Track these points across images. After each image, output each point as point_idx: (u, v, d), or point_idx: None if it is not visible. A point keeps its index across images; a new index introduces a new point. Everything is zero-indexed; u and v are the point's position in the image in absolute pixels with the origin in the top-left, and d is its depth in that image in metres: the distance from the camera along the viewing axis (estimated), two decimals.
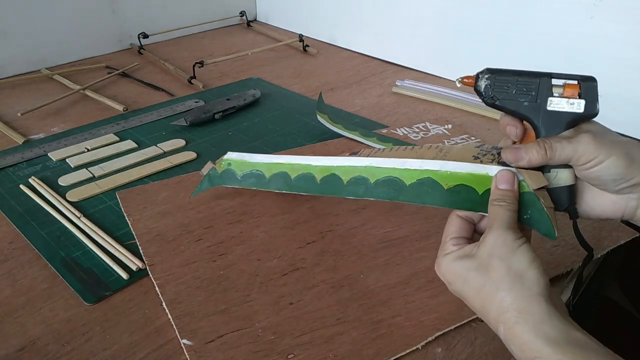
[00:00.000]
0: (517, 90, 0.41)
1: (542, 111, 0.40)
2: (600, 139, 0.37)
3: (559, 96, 0.40)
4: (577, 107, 0.39)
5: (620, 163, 0.37)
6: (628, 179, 0.37)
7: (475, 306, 0.36)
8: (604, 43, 0.75)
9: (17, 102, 0.84)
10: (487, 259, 0.35)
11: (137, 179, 0.64)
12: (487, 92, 0.42)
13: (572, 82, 0.39)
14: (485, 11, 0.87)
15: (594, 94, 0.39)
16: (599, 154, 0.37)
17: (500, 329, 0.34)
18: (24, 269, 0.50)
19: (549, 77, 0.40)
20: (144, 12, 1.10)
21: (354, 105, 0.86)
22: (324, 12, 1.15)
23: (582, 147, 0.37)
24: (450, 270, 0.38)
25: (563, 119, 0.40)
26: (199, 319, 0.43)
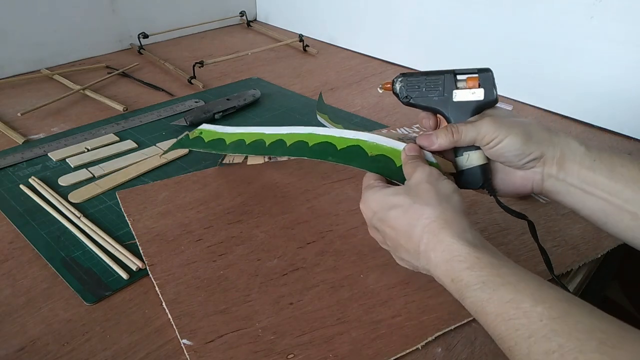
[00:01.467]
0: (426, 88, 0.47)
1: (450, 103, 0.46)
2: (500, 120, 0.43)
3: (462, 88, 0.45)
4: (477, 96, 0.45)
5: (518, 140, 0.42)
6: (527, 154, 0.42)
7: (400, 227, 0.39)
8: (604, 43, 0.75)
9: (17, 102, 0.84)
10: (415, 185, 0.40)
11: (135, 177, 0.64)
12: (402, 92, 0.48)
13: (472, 75, 0.45)
14: (485, 11, 0.87)
15: (490, 83, 0.45)
16: (498, 134, 0.42)
17: (424, 239, 0.37)
18: (24, 269, 0.50)
19: (453, 74, 0.46)
20: (144, 12, 1.10)
21: (354, 105, 0.86)
22: (324, 12, 1.15)
23: (484, 129, 0.42)
24: (376, 198, 0.42)
25: (468, 107, 0.45)
26: (199, 319, 0.43)
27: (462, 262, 0.35)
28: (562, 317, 0.29)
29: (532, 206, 0.59)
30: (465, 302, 0.35)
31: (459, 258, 0.35)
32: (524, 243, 0.53)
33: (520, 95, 0.87)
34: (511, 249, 0.52)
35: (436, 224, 0.37)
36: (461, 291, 0.34)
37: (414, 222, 0.38)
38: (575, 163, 0.41)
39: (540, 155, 0.42)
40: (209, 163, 0.67)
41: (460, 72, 0.46)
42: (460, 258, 0.35)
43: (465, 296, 0.34)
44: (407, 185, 0.41)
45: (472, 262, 0.34)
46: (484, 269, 0.34)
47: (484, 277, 0.33)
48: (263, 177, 0.63)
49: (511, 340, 0.31)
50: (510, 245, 0.53)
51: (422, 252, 0.38)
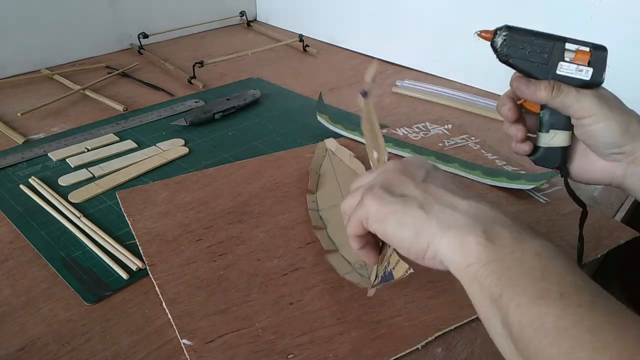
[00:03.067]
0: (531, 51, 0.42)
1: (552, 74, 0.42)
2: (605, 100, 0.40)
3: (569, 61, 0.41)
4: (584, 75, 0.41)
5: (616, 128, 0.39)
6: (619, 146, 0.40)
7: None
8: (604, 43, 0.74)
9: (17, 102, 0.84)
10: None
11: (135, 177, 0.64)
12: (502, 49, 0.43)
13: (584, 49, 0.41)
14: (485, 11, 0.87)
15: (602, 63, 0.41)
16: (599, 113, 0.40)
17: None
18: (24, 269, 0.50)
19: (563, 42, 0.41)
20: (144, 12, 1.10)
21: (354, 105, 0.85)
22: (324, 12, 1.15)
23: (587, 101, 0.40)
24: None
25: (570, 83, 0.41)
26: (199, 319, 0.43)
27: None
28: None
29: (532, 206, 0.59)
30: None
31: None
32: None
33: None
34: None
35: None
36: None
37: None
38: None
39: (631, 151, 0.40)
40: (209, 163, 0.67)
41: (573, 41, 0.41)
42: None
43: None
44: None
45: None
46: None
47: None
48: (263, 177, 0.63)
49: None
50: None
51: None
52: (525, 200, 0.60)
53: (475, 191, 0.58)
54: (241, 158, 0.68)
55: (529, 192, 0.61)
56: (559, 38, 0.42)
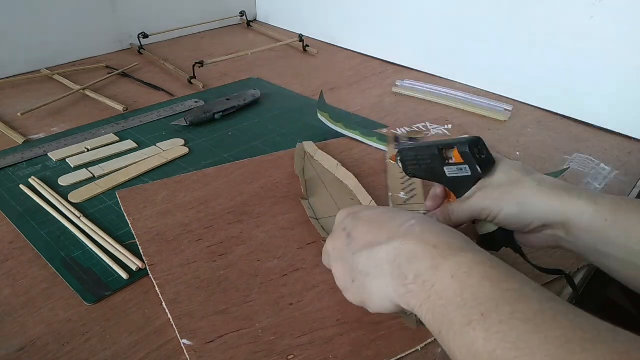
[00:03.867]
0: (422, 165, 0.46)
1: (445, 180, 0.45)
2: (492, 194, 0.41)
3: (450, 165, 0.43)
4: (465, 172, 0.43)
5: (512, 213, 0.40)
6: (526, 224, 0.41)
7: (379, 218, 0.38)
8: (604, 43, 0.75)
9: (17, 102, 0.84)
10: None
11: (135, 177, 0.64)
12: (405, 170, 0.48)
13: (454, 150, 0.42)
14: (485, 11, 0.87)
15: (469, 157, 0.42)
16: (491, 210, 0.41)
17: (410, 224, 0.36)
18: (24, 269, 0.50)
19: (438, 150, 0.43)
20: (144, 12, 1.10)
21: (354, 105, 0.86)
22: (324, 12, 1.15)
23: (476, 206, 0.42)
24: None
25: (464, 181, 0.43)
26: (199, 319, 0.43)
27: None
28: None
29: None
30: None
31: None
32: (524, 245, 0.53)
33: (520, 95, 0.87)
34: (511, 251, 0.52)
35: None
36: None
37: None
38: (582, 228, 0.38)
39: (541, 224, 0.41)
40: (209, 163, 0.67)
41: (445, 145, 0.43)
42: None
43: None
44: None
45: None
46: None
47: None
48: (263, 177, 0.63)
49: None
50: None
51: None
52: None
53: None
54: (241, 158, 0.68)
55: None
56: (434, 146, 0.44)
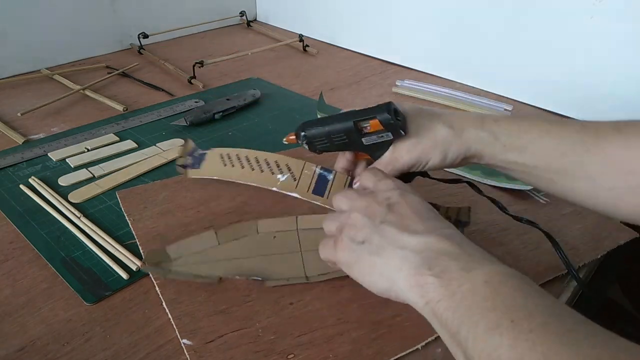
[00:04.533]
0: (336, 141, 0.46)
1: (362, 146, 0.46)
2: (415, 149, 0.44)
3: (368, 133, 0.44)
4: (387, 137, 0.44)
5: (437, 160, 0.44)
6: (451, 165, 0.44)
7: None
8: (604, 43, 0.75)
9: (17, 102, 0.84)
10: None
11: (135, 177, 0.64)
12: (311, 148, 0.48)
13: (374, 120, 0.43)
14: (485, 11, 0.87)
15: (394, 125, 0.43)
16: (418, 162, 0.44)
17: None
18: (24, 269, 0.50)
19: (353, 123, 0.44)
20: (144, 12, 1.10)
21: (354, 105, 0.84)
22: (324, 12, 1.15)
23: (406, 164, 0.44)
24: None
25: (382, 145, 0.45)
26: (199, 319, 0.43)
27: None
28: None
29: (532, 207, 0.59)
30: None
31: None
32: (524, 243, 0.53)
33: (520, 95, 0.87)
34: (511, 248, 0.52)
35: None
36: None
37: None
38: (490, 155, 0.43)
39: (462, 158, 0.44)
40: None
41: (361, 117, 0.44)
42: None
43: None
44: None
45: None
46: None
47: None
48: None
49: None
50: (511, 245, 0.53)
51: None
52: (525, 200, 0.60)
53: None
54: None
55: (529, 193, 0.61)
56: (348, 120, 0.45)
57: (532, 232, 0.54)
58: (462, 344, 0.29)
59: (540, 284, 0.48)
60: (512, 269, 0.32)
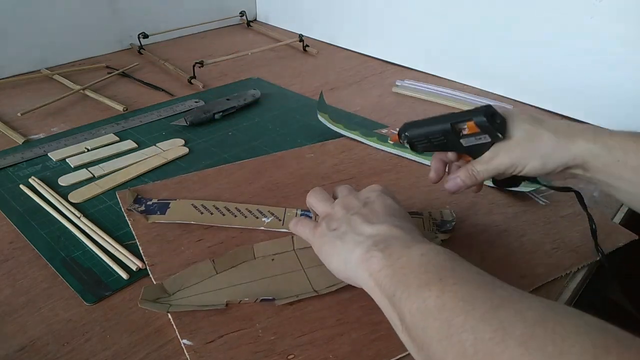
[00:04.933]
0: (435, 142, 0.48)
1: (461, 148, 0.47)
2: (514, 151, 0.44)
3: (467, 136, 0.45)
4: (485, 139, 0.45)
5: (536, 166, 0.44)
6: (550, 172, 0.45)
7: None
8: (604, 43, 0.75)
9: (17, 102, 0.84)
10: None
11: (135, 177, 0.64)
12: (413, 147, 0.49)
13: (470, 122, 0.44)
14: (485, 11, 0.87)
15: (490, 128, 0.44)
16: (516, 166, 0.45)
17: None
18: (24, 269, 0.50)
19: (450, 125, 0.46)
20: (144, 12, 1.10)
21: (354, 105, 0.86)
22: (324, 12, 1.15)
23: (501, 165, 0.45)
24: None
25: (480, 148, 0.46)
26: (199, 319, 0.43)
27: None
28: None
29: (531, 208, 0.59)
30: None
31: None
32: (524, 245, 0.53)
33: (520, 95, 0.87)
34: (510, 250, 0.52)
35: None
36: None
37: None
38: (597, 167, 0.43)
39: (563, 168, 0.44)
40: (209, 163, 0.67)
41: (458, 120, 0.45)
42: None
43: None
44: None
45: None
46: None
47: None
48: (263, 177, 0.63)
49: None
50: (510, 247, 0.53)
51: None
52: (524, 202, 0.60)
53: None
54: (241, 158, 0.68)
55: (529, 194, 0.61)
56: (446, 120, 0.46)
57: (532, 233, 0.54)
58: (397, 305, 0.34)
59: (540, 285, 0.48)
60: (448, 250, 0.36)
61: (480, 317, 0.29)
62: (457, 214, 0.56)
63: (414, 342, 0.32)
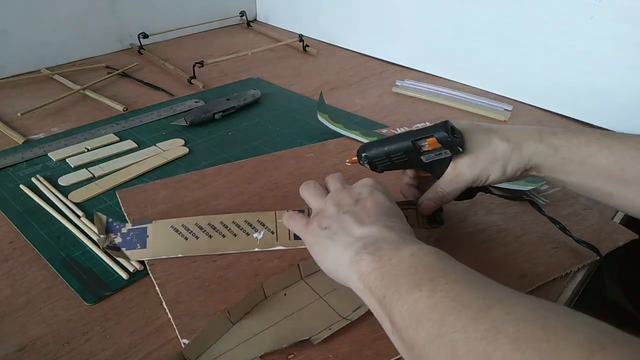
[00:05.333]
0: (396, 161, 0.48)
1: (422, 164, 0.47)
2: (475, 165, 0.45)
3: (427, 152, 0.46)
4: (445, 154, 0.46)
5: (498, 174, 0.45)
6: (510, 178, 0.46)
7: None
8: (604, 43, 0.75)
9: (17, 102, 0.84)
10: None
11: (135, 177, 0.64)
12: (372, 167, 0.49)
13: (431, 139, 0.45)
14: (485, 11, 0.87)
15: (452, 143, 0.45)
16: (479, 177, 0.46)
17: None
18: (24, 269, 0.50)
19: (411, 142, 0.46)
20: (144, 12, 1.10)
21: (354, 105, 0.86)
22: (324, 12, 1.15)
23: (467, 179, 0.46)
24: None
25: (442, 163, 0.47)
26: (199, 319, 0.43)
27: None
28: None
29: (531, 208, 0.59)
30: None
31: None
32: (524, 244, 0.53)
33: (520, 95, 0.87)
34: (510, 250, 0.52)
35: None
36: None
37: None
38: (549, 168, 0.45)
39: (522, 172, 0.46)
40: (209, 163, 0.67)
41: (419, 137, 0.46)
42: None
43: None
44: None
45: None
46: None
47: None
48: (263, 177, 0.63)
49: None
50: (510, 246, 0.53)
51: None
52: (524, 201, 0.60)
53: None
54: (241, 158, 0.68)
55: (529, 193, 0.61)
56: (406, 138, 0.46)
57: (532, 234, 0.54)
58: (387, 307, 0.33)
59: (539, 285, 0.48)
60: (438, 249, 0.36)
61: (473, 316, 0.28)
62: (457, 213, 0.56)
63: (405, 344, 0.32)
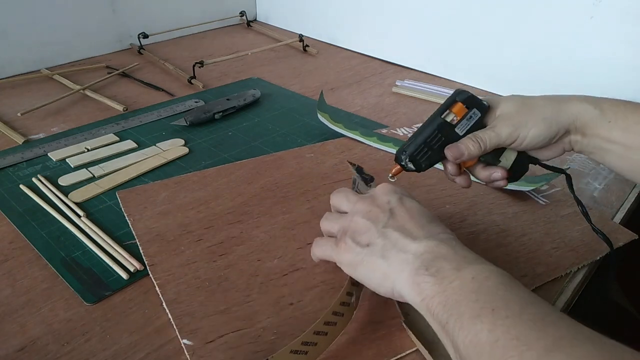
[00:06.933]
0: (435, 146, 0.47)
1: (460, 137, 0.46)
2: (515, 118, 0.45)
3: (458, 122, 0.46)
4: (475, 115, 0.46)
5: (541, 129, 0.44)
6: (553, 137, 0.45)
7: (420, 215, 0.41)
8: (603, 43, 0.75)
9: (17, 102, 0.84)
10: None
11: (135, 177, 0.64)
12: (419, 167, 0.47)
13: (455, 105, 0.46)
14: (485, 11, 0.87)
15: (475, 99, 0.46)
16: (519, 132, 0.44)
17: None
18: (24, 269, 0.50)
19: (440, 117, 0.46)
20: (144, 12, 1.10)
21: (354, 105, 0.86)
22: (324, 12, 1.15)
23: (504, 133, 0.44)
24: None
25: (477, 126, 0.46)
26: (199, 319, 0.43)
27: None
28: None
29: (531, 208, 0.59)
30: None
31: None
32: (524, 245, 0.53)
33: None
34: (510, 250, 0.52)
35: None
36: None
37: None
38: (592, 129, 0.44)
39: (564, 132, 0.45)
40: (209, 163, 0.67)
41: (443, 110, 0.46)
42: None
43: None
44: None
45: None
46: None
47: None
48: (263, 177, 0.63)
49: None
50: (510, 247, 0.53)
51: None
52: (524, 201, 0.60)
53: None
54: (241, 158, 0.68)
55: (529, 194, 0.61)
56: (433, 121, 0.46)
57: (532, 234, 0.54)
58: (450, 334, 0.33)
59: (539, 285, 0.48)
60: (499, 268, 0.35)
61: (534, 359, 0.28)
62: (457, 213, 0.56)
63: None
